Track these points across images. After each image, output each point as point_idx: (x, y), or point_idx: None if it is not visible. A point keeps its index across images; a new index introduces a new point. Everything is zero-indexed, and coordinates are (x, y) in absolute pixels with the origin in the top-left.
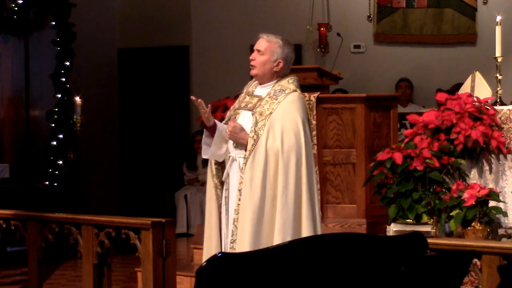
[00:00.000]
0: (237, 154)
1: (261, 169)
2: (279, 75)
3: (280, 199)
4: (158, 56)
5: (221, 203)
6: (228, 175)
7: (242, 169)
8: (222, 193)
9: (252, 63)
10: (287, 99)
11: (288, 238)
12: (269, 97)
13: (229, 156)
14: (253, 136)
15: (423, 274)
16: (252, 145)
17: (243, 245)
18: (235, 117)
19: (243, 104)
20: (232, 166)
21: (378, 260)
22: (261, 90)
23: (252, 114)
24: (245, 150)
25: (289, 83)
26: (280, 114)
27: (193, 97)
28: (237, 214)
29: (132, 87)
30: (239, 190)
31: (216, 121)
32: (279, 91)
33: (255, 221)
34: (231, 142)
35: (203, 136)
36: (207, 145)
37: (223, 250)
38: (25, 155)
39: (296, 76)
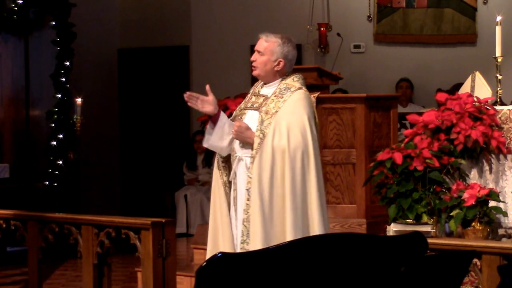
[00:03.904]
0: (243, 154)
1: (269, 168)
2: (282, 74)
3: (289, 199)
4: (158, 56)
5: (229, 203)
6: (235, 174)
7: (249, 168)
8: (230, 192)
9: (253, 64)
10: (293, 97)
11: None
12: (275, 96)
13: (236, 156)
14: (259, 135)
15: (423, 274)
16: (259, 143)
17: (256, 246)
18: (241, 117)
19: (249, 104)
20: (239, 166)
21: (378, 260)
22: (267, 90)
23: (259, 113)
24: (252, 149)
25: (294, 81)
26: (286, 112)
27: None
28: (246, 214)
29: (132, 87)
30: (247, 190)
31: (222, 114)
32: (284, 90)
33: (266, 221)
34: (237, 142)
35: (208, 126)
36: (208, 134)
37: (235, 251)
38: (25, 155)
39: (301, 74)
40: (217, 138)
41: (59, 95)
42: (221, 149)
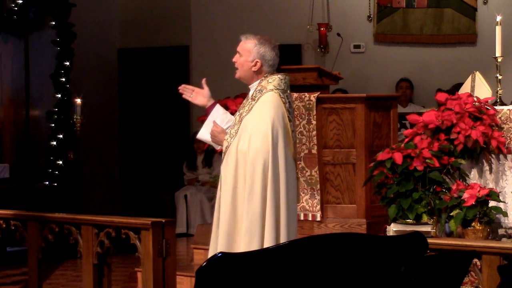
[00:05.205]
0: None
1: (233, 171)
2: (261, 75)
3: (246, 203)
4: (158, 56)
5: None
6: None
7: None
8: None
9: (235, 65)
10: (261, 100)
11: (255, 241)
12: (251, 98)
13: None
14: (227, 139)
15: (423, 274)
16: (226, 147)
17: (221, 247)
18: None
19: (240, 106)
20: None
21: (378, 260)
22: (250, 92)
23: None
24: None
25: (268, 82)
26: (252, 115)
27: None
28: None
29: (132, 87)
30: None
31: (216, 108)
32: (258, 92)
33: (228, 223)
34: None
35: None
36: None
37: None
38: (25, 155)
39: (280, 75)
40: (206, 132)
41: (59, 95)
42: (213, 144)
